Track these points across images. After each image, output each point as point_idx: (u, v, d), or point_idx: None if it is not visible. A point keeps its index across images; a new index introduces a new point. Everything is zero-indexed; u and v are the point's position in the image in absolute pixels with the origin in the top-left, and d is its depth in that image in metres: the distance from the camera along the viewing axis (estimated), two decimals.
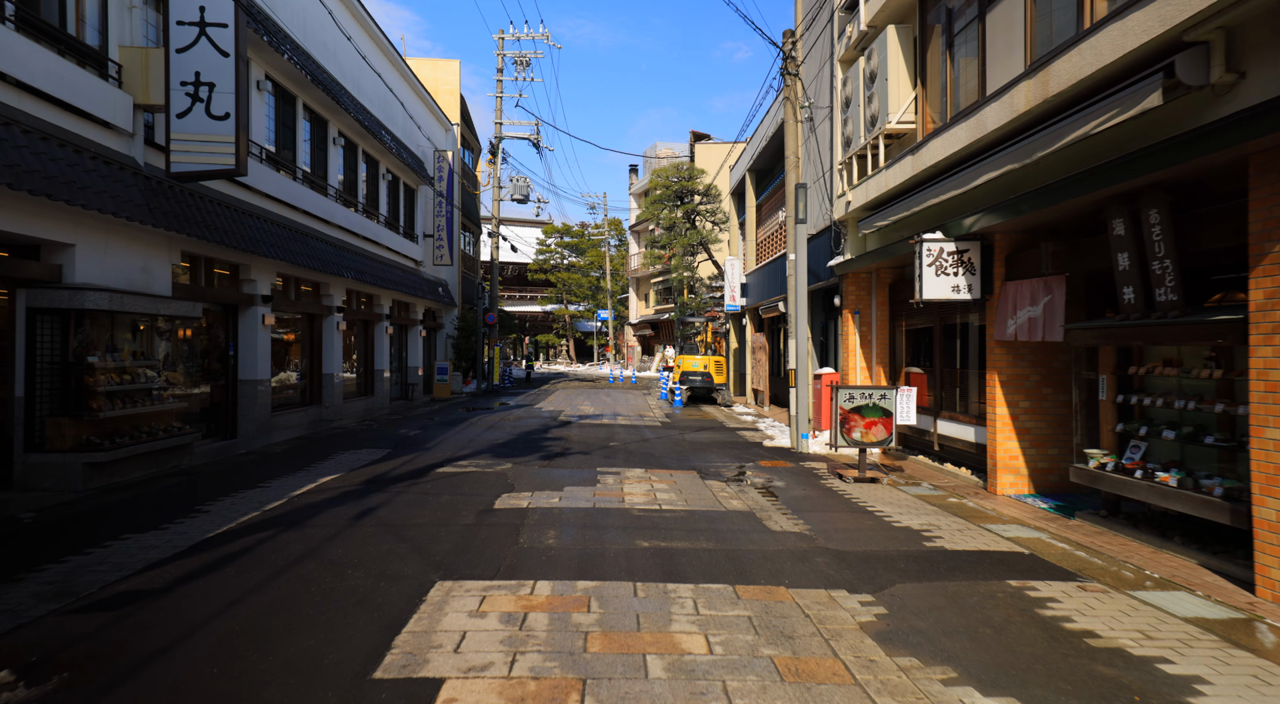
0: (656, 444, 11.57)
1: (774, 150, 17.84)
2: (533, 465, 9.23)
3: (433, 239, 22.94)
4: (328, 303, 15.37)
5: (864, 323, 11.20)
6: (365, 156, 17.75)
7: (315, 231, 14.25)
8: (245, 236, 11.04)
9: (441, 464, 9.26)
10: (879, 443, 8.15)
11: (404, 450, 10.58)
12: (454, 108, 26.05)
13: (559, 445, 11.22)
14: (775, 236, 18.82)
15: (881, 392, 8.15)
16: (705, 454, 10.52)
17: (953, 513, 6.70)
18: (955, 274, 7.52)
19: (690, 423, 15.15)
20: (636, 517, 6.42)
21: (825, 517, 6.55)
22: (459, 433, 12.79)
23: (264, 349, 12.34)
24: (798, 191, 10.77)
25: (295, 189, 13.44)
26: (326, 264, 14.00)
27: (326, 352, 15.42)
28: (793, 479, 8.49)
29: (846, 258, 11.19)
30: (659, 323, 46.53)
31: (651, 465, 9.40)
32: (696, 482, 8.26)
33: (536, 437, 12.31)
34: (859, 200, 10.28)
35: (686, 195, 25.16)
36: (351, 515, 6.35)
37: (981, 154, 7.15)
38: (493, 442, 11.58)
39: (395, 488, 7.67)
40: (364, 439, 11.97)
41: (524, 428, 13.67)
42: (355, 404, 17.09)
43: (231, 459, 9.78)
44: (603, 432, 13.19)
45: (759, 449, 11.16)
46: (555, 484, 7.96)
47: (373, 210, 18.19)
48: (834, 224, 11.57)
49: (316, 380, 15.29)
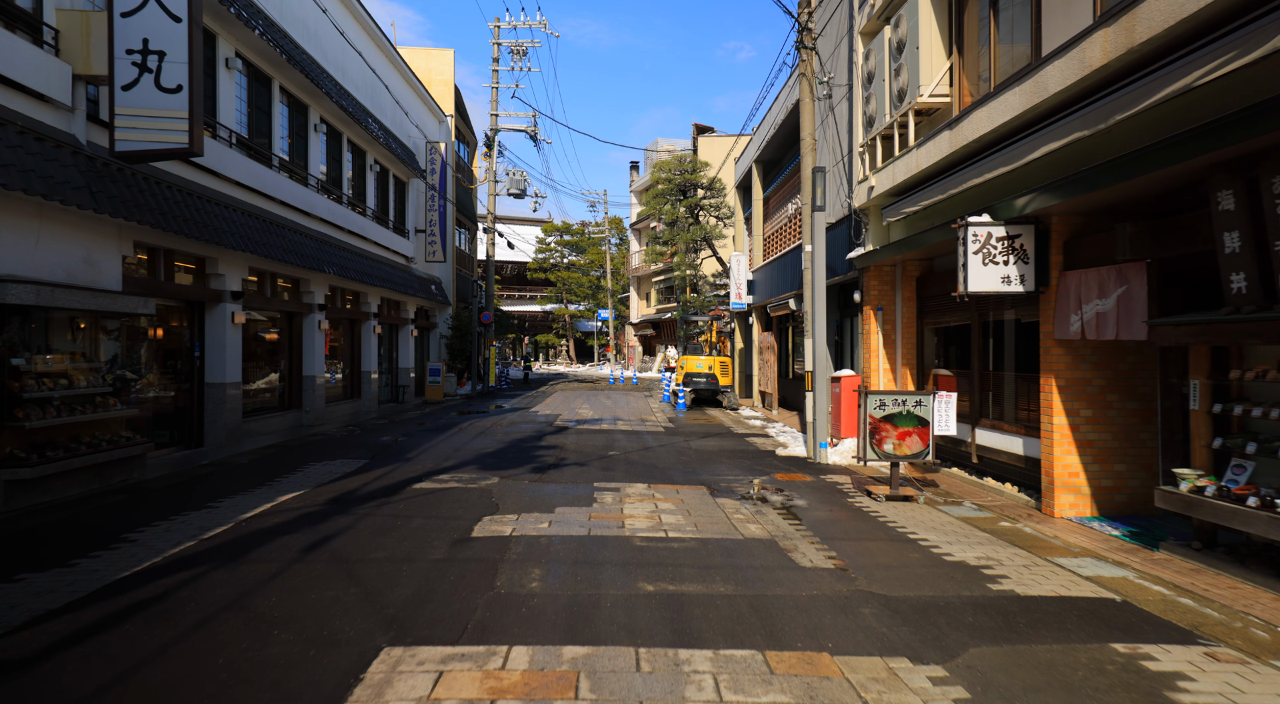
0: (660, 453, 10.58)
1: (783, 138, 16.86)
2: (522, 480, 8.24)
3: (425, 235, 21.96)
4: (308, 300, 14.40)
5: (887, 320, 10.21)
6: (351, 146, 16.78)
7: (294, 224, 13.27)
8: (211, 227, 10.07)
9: (421, 478, 8.28)
10: (914, 456, 7.16)
11: (383, 461, 9.60)
12: (448, 99, 25.08)
13: (553, 455, 10.24)
14: (784, 230, 17.84)
15: (916, 398, 7.16)
16: (714, 465, 9.54)
17: (1009, 541, 5.71)
18: (1005, 263, 6.53)
19: (695, 428, 14.17)
20: (639, 548, 5.44)
21: (860, 547, 5.56)
22: (446, 440, 11.81)
23: (234, 349, 11.36)
24: (815, 176, 9.79)
25: (271, 177, 12.47)
26: (305, 259, 13.02)
27: (307, 352, 14.44)
28: (815, 496, 7.50)
29: (868, 249, 10.21)
30: (660, 322, 45.55)
31: (655, 479, 8.41)
32: (706, 500, 7.28)
33: (529, 445, 11.33)
34: (883, 185, 9.30)
35: (690, 189, 24.18)
36: (301, 547, 5.36)
37: (1038, 123, 6.16)
38: (481, 451, 10.60)
39: (362, 509, 6.69)
40: (342, 447, 10.99)
41: (517, 435, 12.69)
42: (340, 408, 16.12)
43: (191, 471, 8.81)
44: (602, 439, 12.21)
45: (772, 459, 10.17)
46: (546, 504, 6.98)
47: (359, 203, 17.22)
48: (854, 213, 10.58)
49: (296, 383, 14.31)
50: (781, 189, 18.32)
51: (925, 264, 9.65)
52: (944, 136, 7.65)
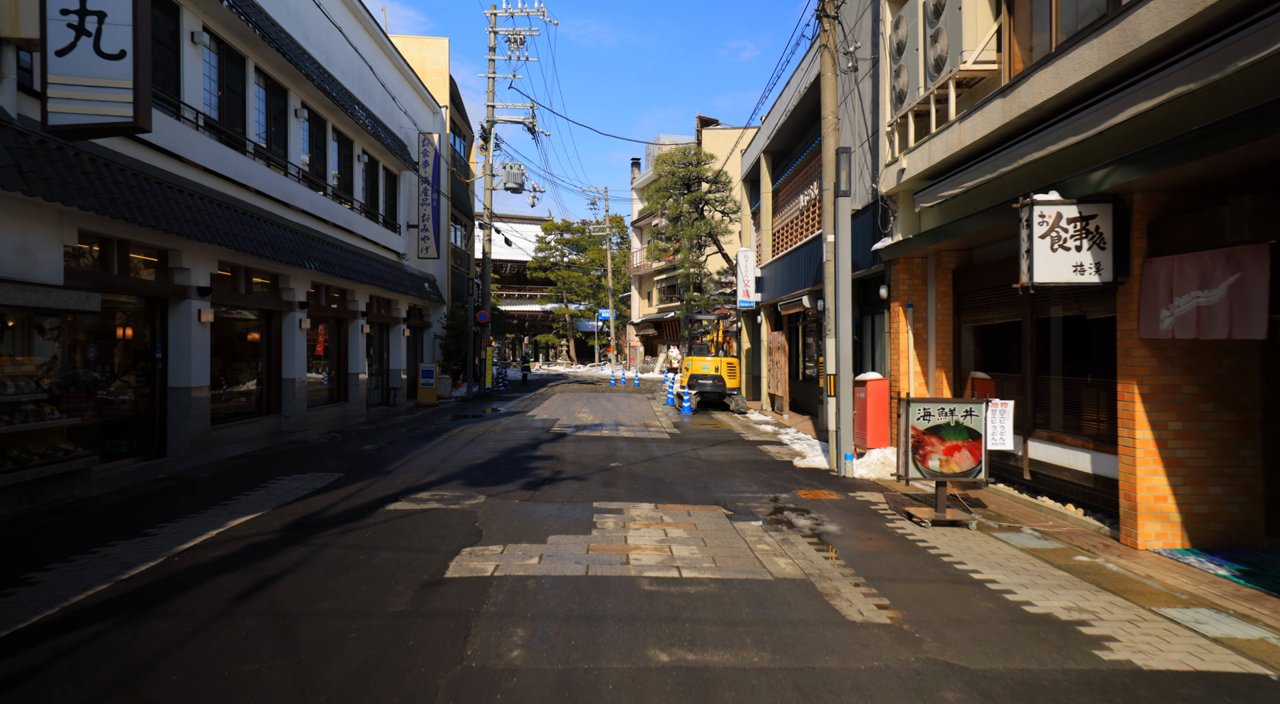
0: (666, 465, 9.60)
1: (796, 125, 15.87)
2: (512, 499, 7.26)
3: (417, 230, 21.00)
4: (288, 297, 13.43)
5: (918, 318, 9.23)
6: (336, 135, 15.81)
7: (271, 215, 12.31)
8: (172, 215, 9.11)
9: (398, 496, 7.30)
10: (963, 475, 6.17)
11: (360, 474, 8.63)
12: (442, 89, 24.11)
13: (548, 468, 9.26)
14: (795, 224, 16.86)
15: (966, 407, 6.17)
16: (727, 479, 8.56)
17: (1096, 583, 4.73)
18: (1078, 248, 5.54)
19: (703, 435, 13.18)
20: (647, 594, 4.46)
21: (916, 591, 4.58)
22: (433, 449, 10.83)
23: (201, 350, 10.40)
24: (839, 157, 8.80)
25: (245, 165, 11.50)
26: (284, 252, 12.06)
27: (287, 353, 13.48)
28: (848, 520, 6.51)
29: (896, 240, 9.23)
30: (662, 322, 44.59)
31: (663, 497, 7.43)
32: (723, 524, 6.30)
33: (523, 455, 10.35)
34: (916, 167, 8.32)
35: (694, 182, 23.19)
36: (235, 592, 4.39)
37: (1123, 81, 5.18)
38: (470, 462, 9.62)
39: (321, 537, 5.71)
40: (319, 458, 10.01)
41: (511, 442, 11.70)
42: (324, 413, 15.15)
43: (143, 487, 7.83)
44: (602, 447, 11.22)
45: (791, 472, 9.18)
46: (537, 531, 6.00)
47: (345, 195, 16.25)
48: (880, 200, 9.59)
49: (275, 386, 13.34)
50: (792, 181, 17.34)
51: (963, 255, 8.66)
52: (994, 107, 6.66)
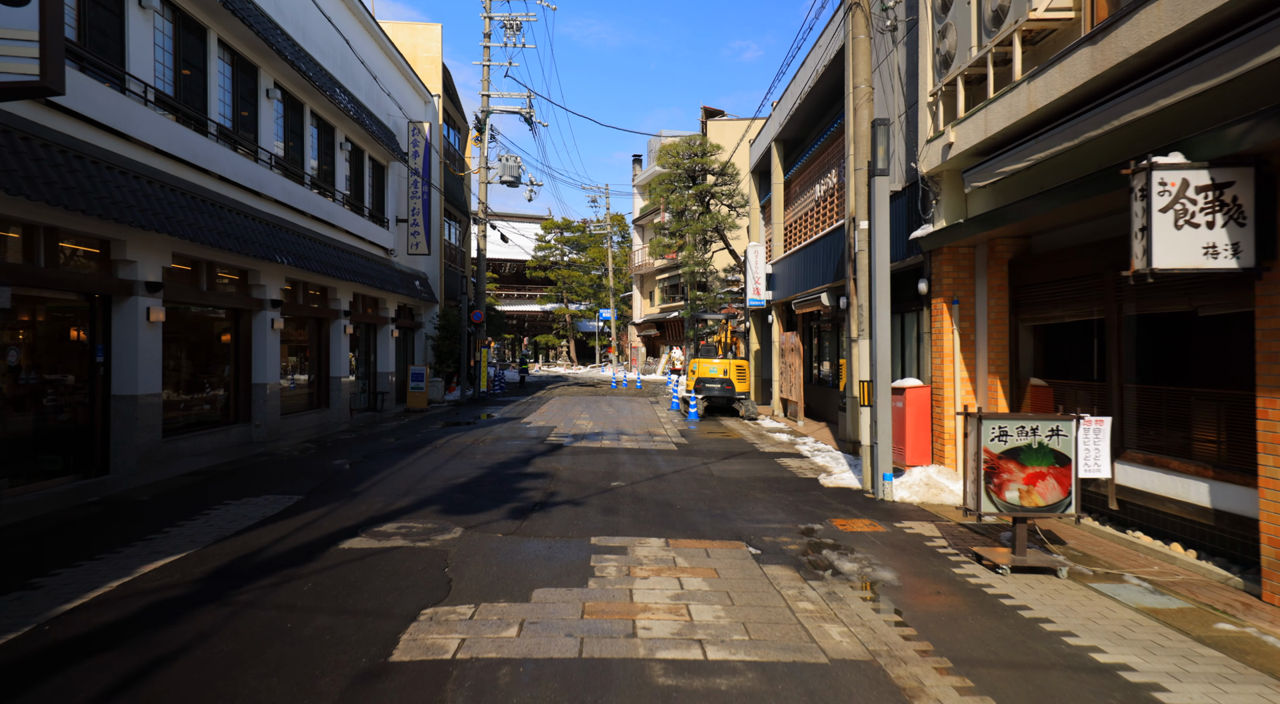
0: (676, 484, 8.42)
1: (812, 109, 14.68)
2: (494, 532, 6.08)
3: (407, 224, 19.83)
4: (259, 295, 12.26)
5: (965, 316, 8.04)
6: (316, 120, 14.64)
7: (238, 204, 11.14)
8: (108, 199, 7.94)
9: (358, 529, 6.12)
10: (1049, 509, 4.98)
11: (323, 497, 7.45)
12: (435, 78, 22.94)
13: (541, 488, 8.07)
14: (809, 217, 15.68)
15: (1052, 425, 4.98)
16: (747, 502, 7.38)
17: (1262, 669, 3.54)
18: (1209, 225, 4.36)
19: (713, 445, 11.99)
20: (663, 692, 3.28)
21: (1027, 684, 3.39)
22: (413, 464, 9.64)
23: (150, 353, 9.23)
24: (875, 131, 7.61)
25: (205, 148, 10.33)
26: (251, 245, 10.89)
27: (257, 356, 12.30)
28: (903, 562, 5.33)
29: (939, 227, 8.04)
30: (665, 322, 43.42)
31: (674, 529, 6.24)
32: (750, 569, 5.11)
33: (513, 472, 9.16)
34: (968, 140, 7.13)
35: (699, 175, 22.01)
36: (95, 694, 3.21)
37: (1268, 10, 4.00)
38: (452, 480, 8.44)
39: (247, 593, 4.53)
40: (283, 475, 8.83)
41: (501, 455, 10.51)
42: (302, 420, 13.98)
43: (64, 514, 6.66)
44: (603, 461, 10.04)
45: (818, 492, 8.00)
46: (520, 580, 4.82)
47: (326, 186, 15.08)
48: (921, 182, 8.41)
49: (243, 392, 12.17)
50: (806, 171, 16.15)
51: (1021, 244, 7.47)
52: (1079, 59, 5.47)
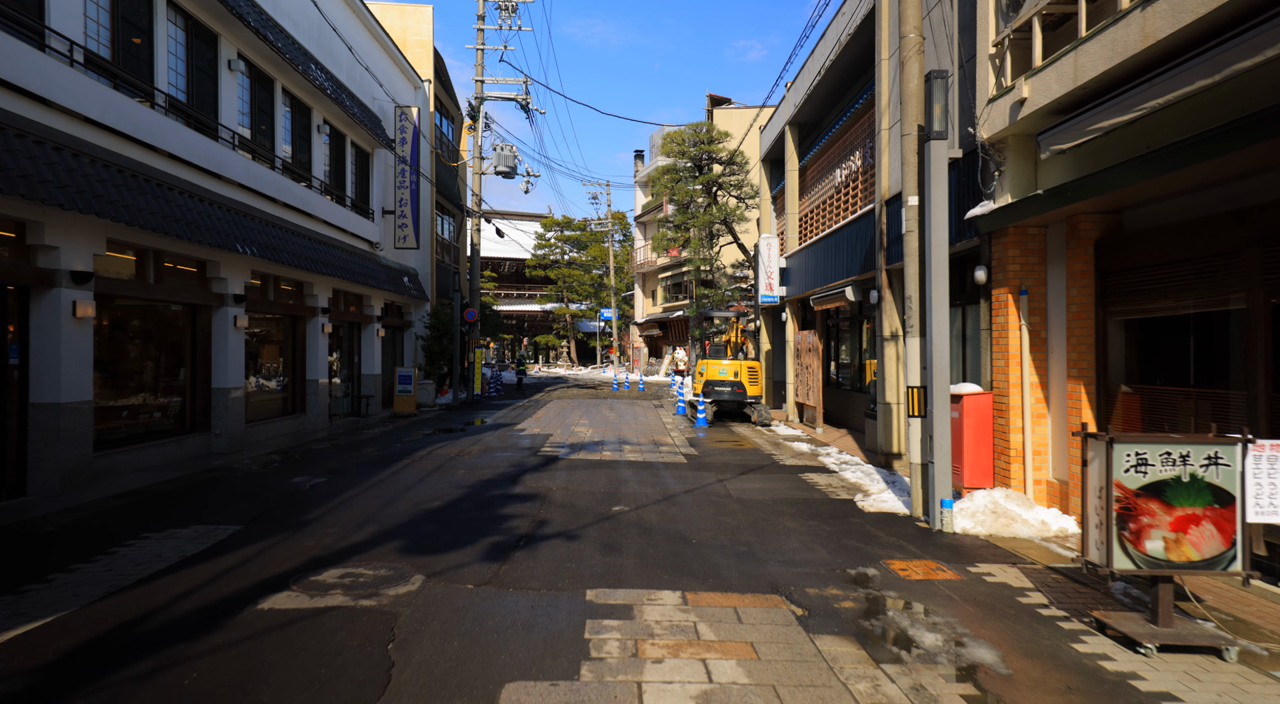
0: (689, 509, 7.12)
1: (833, 86, 13.36)
2: (462, 583, 4.78)
3: (394, 216, 18.55)
4: (219, 289, 10.98)
5: (1035, 309, 6.74)
6: (289, 99, 13.35)
7: (192, 187, 9.87)
8: (21, 174, 6.67)
9: (289, 578, 4.83)
10: (1205, 564, 3.68)
11: (263, 528, 6.16)
12: (425, 62, 21.65)
13: (528, 516, 6.78)
14: (829, 206, 14.38)
15: (1208, 451, 3.69)
16: (777, 534, 6.08)
17: None
18: None
19: (727, 457, 10.69)
20: None
21: None
22: (384, 482, 8.35)
23: (78, 354, 7.95)
24: (930, 85, 6.31)
25: (150, 120, 9.05)
26: (206, 232, 9.62)
27: (218, 357, 11.02)
28: (999, 630, 4.02)
29: (1004, 203, 6.74)
30: (668, 322, 42.15)
31: (692, 576, 4.95)
32: (797, 641, 3.82)
33: (498, 493, 7.87)
34: (1046, 93, 5.83)
35: (706, 164, 20.70)
36: None
37: None
38: (423, 505, 7.14)
39: (98, 693, 3.24)
40: (228, 497, 7.54)
41: (487, 471, 9.22)
42: (273, 428, 12.69)
43: None
44: (603, 478, 8.74)
45: (859, 520, 6.70)
46: (486, 667, 3.52)
47: (302, 172, 13.80)
48: (979, 150, 7.09)
49: (202, 398, 10.89)
50: (824, 156, 14.85)
51: (1110, 221, 6.16)
52: None
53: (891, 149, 9.94)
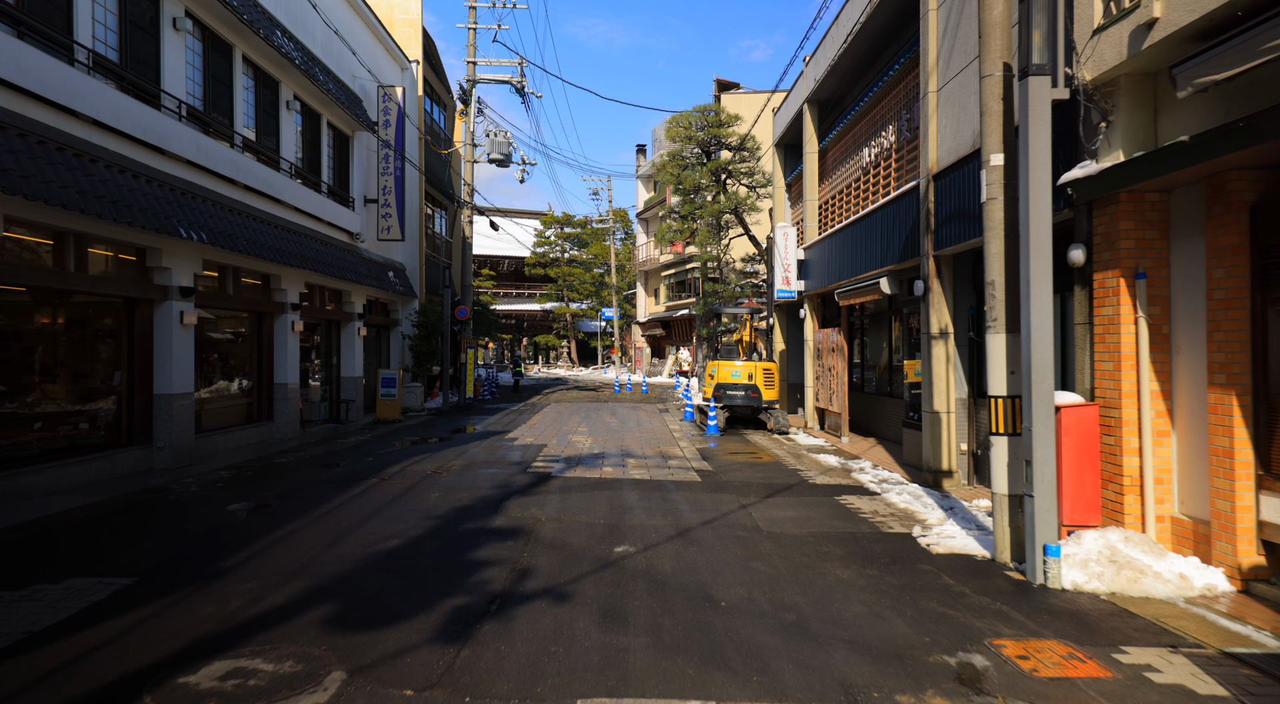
0: (711, 550, 5.66)
1: (862, 53, 11.85)
2: (398, 687, 3.31)
3: (377, 205, 17.10)
4: (162, 281, 9.55)
5: (1156, 298, 5.27)
6: (252, 70, 11.91)
7: (124, 160, 8.44)
8: None
9: (156, 677, 3.38)
10: None
11: (161, 583, 4.71)
12: (413, 42, 20.21)
13: (506, 564, 5.32)
14: (856, 189, 12.92)
15: None
16: (831, 593, 4.62)
17: None
18: None
19: (746, 473, 9.23)
20: None
21: None
22: (336, 511, 6.90)
23: None
24: (1028, 4, 4.84)
25: (68, 78, 7.61)
26: (138, 213, 8.19)
27: (161, 358, 9.59)
28: None
29: (1115, 162, 5.27)
30: (671, 321, 40.69)
31: (727, 673, 3.49)
32: None
33: (473, 527, 6.41)
34: (1191, 9, 4.38)
35: (714, 148, 19.24)
36: None
37: None
38: (373, 547, 5.68)
39: None
40: (138, 533, 6.09)
41: (463, 496, 7.76)
42: (232, 438, 11.25)
43: None
44: (602, 504, 7.28)
45: (930, 567, 5.24)
46: None
47: (268, 152, 12.35)
48: (1079, 96, 5.61)
49: (143, 406, 9.46)
50: (849, 134, 13.39)
51: (1268, 180, 4.69)
52: None
53: (942, 113, 8.47)
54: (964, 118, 7.92)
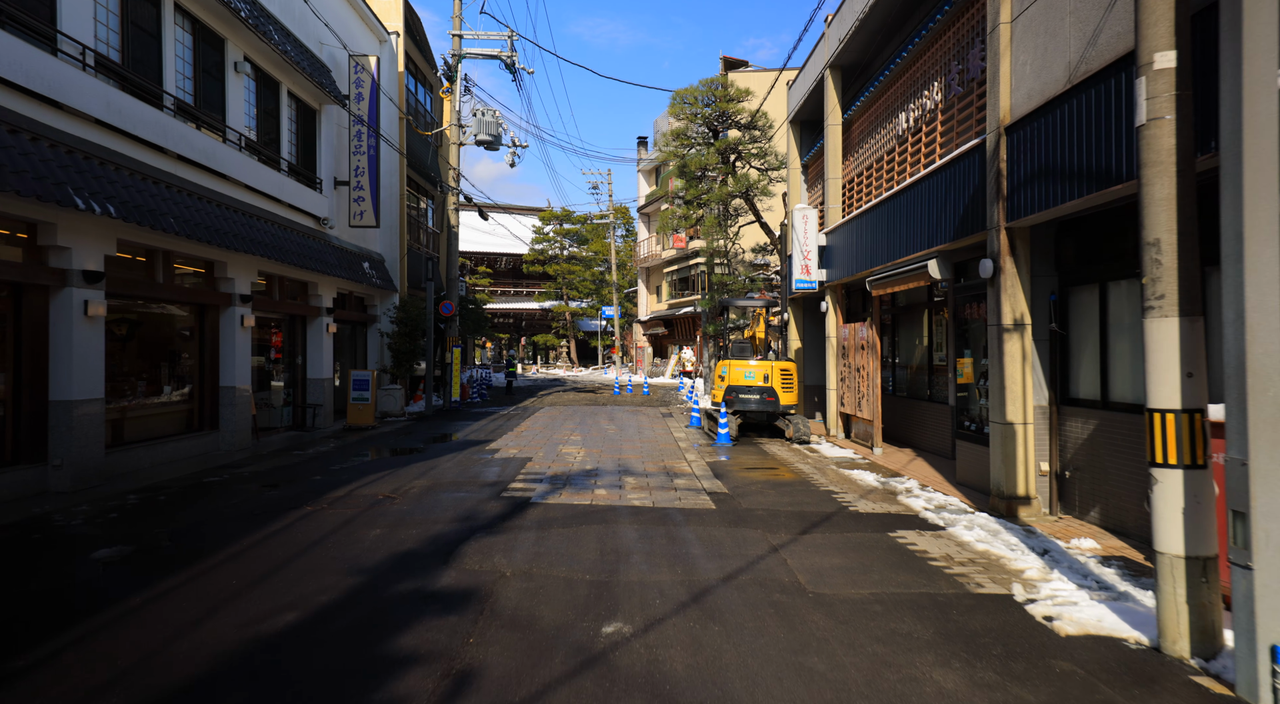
0: (741, 633, 3.95)
1: (893, 8, 10.12)
2: None
3: (349, 188, 15.40)
4: (59, 264, 7.87)
5: None
6: (188, 20, 10.20)
7: (5, 114, 6.76)
8: None
9: None
10: None
11: None
12: (394, 12, 18.50)
13: (439, 663, 3.59)
14: (889, 161, 11.18)
15: None
16: None
17: None
18: None
19: (771, 497, 7.50)
20: None
21: None
22: (232, 562, 5.19)
23: None
24: None
25: None
26: (19, 179, 6.51)
27: (59, 358, 7.90)
28: None
29: None
30: (673, 319, 38.99)
31: None
32: None
33: (405, 594, 4.69)
34: None
35: (722, 127, 17.51)
36: None
37: None
38: (254, 628, 3.97)
39: None
40: None
41: (410, 534, 6.04)
42: (164, 451, 9.55)
43: None
44: (590, 549, 5.56)
45: (1069, 665, 3.53)
46: None
47: (211, 120, 10.64)
48: None
49: (35, 416, 7.77)
50: (878, 102, 11.67)
51: None
52: None
53: (1019, 48, 6.74)
54: (1053, 47, 6.19)
